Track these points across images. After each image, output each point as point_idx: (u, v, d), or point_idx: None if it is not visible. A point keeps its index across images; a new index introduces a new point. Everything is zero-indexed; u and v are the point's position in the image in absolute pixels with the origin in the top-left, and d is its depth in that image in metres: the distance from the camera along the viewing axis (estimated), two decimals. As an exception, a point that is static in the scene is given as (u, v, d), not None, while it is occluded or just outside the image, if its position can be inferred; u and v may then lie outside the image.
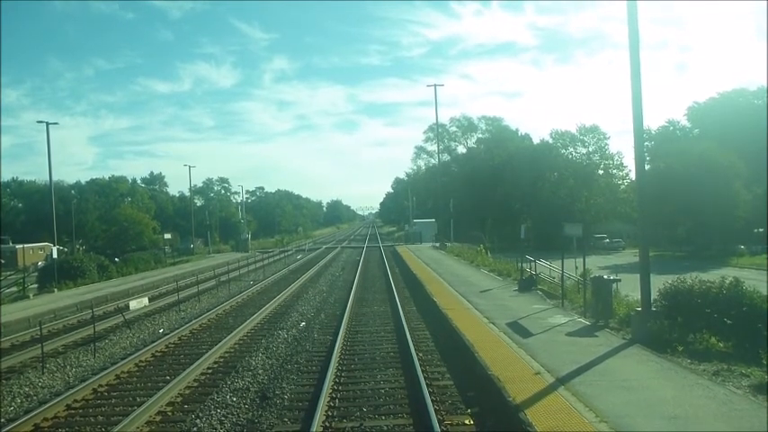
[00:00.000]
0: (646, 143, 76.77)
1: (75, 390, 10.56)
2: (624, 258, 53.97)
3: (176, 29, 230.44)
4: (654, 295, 12.67)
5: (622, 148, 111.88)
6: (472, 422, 8.42)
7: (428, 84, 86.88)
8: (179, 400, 10.06)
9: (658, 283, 13.09)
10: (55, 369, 13.21)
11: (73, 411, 9.69)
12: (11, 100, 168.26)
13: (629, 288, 15.63)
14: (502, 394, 8.57)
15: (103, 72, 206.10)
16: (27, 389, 11.66)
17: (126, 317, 17.89)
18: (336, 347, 13.27)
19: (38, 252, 78.43)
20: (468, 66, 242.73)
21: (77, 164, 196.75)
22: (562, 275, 17.85)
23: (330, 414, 8.97)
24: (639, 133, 13.11)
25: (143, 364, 12.83)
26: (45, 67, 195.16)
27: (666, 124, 78.79)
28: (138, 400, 10.00)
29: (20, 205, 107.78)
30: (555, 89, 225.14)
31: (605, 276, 14.40)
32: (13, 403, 10.79)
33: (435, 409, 8.68)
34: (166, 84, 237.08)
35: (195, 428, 8.65)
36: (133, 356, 13.20)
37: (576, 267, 18.13)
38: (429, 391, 9.54)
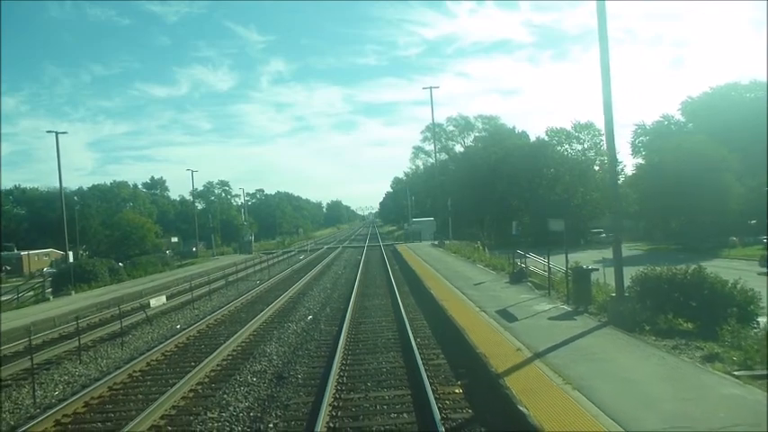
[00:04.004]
0: (641, 138, 78.51)
1: (113, 374, 12.00)
2: (619, 252, 55.25)
3: (173, 33, 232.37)
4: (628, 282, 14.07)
5: (617, 143, 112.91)
6: (461, 391, 9.83)
7: (425, 85, 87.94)
8: (206, 380, 11.50)
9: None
10: (88, 360, 14.62)
11: (115, 392, 11.13)
12: (9, 107, 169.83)
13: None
14: (487, 367, 9.99)
15: (101, 78, 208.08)
16: (66, 377, 13.07)
17: (147, 313, 19.28)
18: (342, 336, 14.65)
19: (42, 258, 79.87)
20: (465, 64, 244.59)
21: (77, 170, 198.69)
22: (548, 267, 19.26)
23: (339, 389, 10.37)
24: (610, 136, 14.47)
25: (169, 353, 14.26)
26: (42, 74, 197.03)
27: (661, 119, 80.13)
28: (171, 381, 11.41)
29: (23, 212, 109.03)
30: (552, 85, 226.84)
31: (584, 266, 15.78)
32: (57, 389, 12.18)
33: (430, 382, 10.09)
34: (164, 88, 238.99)
35: (224, 401, 10.07)
36: (159, 347, 14.64)
37: (567, 261, 19.41)
38: (425, 369, 10.96)
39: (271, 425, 8.81)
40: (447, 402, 9.24)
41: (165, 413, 9.46)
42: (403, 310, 17.86)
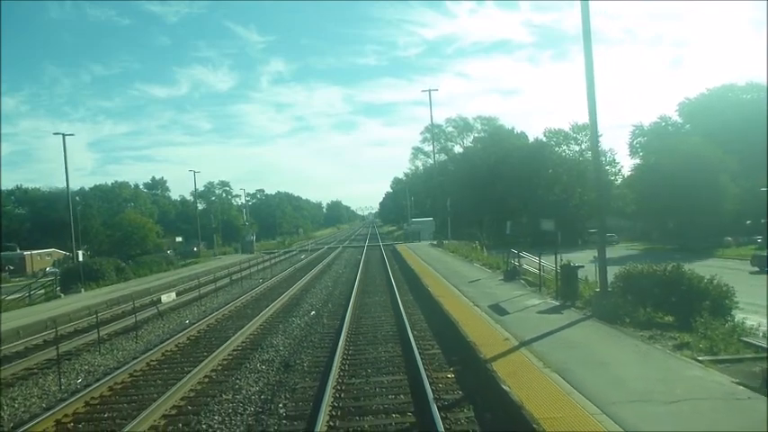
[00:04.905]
0: (639, 139, 79.22)
1: (132, 363, 12.95)
2: (616, 252, 55.88)
3: (173, 33, 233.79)
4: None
5: (615, 144, 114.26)
6: (453, 376, 10.79)
7: (424, 86, 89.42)
8: (219, 368, 12.45)
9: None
10: (105, 352, 15.56)
11: (135, 378, 12.08)
12: (9, 107, 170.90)
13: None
14: (476, 354, 10.94)
15: (101, 78, 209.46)
16: (87, 367, 13.99)
17: (159, 309, 20.23)
18: (344, 329, 15.59)
19: (45, 258, 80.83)
20: (465, 64, 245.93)
21: (77, 170, 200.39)
22: (539, 265, 20.23)
23: (342, 374, 11.31)
24: (594, 136, 15.43)
25: (182, 345, 15.22)
26: (42, 74, 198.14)
27: (659, 120, 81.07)
28: (186, 369, 12.35)
29: (24, 212, 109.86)
30: (551, 86, 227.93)
31: (571, 264, 16.73)
32: (79, 377, 13.11)
33: (425, 369, 11.03)
34: (164, 88, 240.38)
35: (237, 386, 11.03)
36: (171, 340, 15.59)
37: (561, 260, 20.29)
38: (421, 357, 11.89)
39: (281, 404, 9.77)
40: (440, 385, 10.18)
41: (184, 395, 10.41)
42: (401, 306, 18.80)
